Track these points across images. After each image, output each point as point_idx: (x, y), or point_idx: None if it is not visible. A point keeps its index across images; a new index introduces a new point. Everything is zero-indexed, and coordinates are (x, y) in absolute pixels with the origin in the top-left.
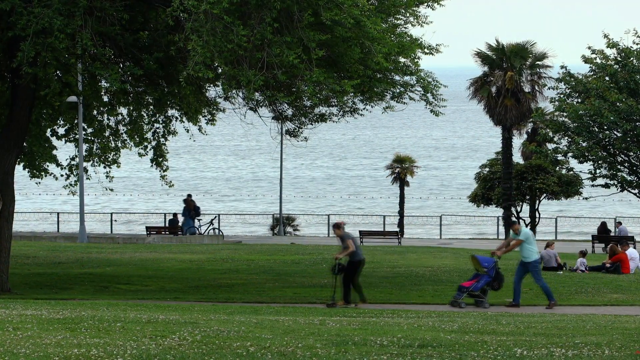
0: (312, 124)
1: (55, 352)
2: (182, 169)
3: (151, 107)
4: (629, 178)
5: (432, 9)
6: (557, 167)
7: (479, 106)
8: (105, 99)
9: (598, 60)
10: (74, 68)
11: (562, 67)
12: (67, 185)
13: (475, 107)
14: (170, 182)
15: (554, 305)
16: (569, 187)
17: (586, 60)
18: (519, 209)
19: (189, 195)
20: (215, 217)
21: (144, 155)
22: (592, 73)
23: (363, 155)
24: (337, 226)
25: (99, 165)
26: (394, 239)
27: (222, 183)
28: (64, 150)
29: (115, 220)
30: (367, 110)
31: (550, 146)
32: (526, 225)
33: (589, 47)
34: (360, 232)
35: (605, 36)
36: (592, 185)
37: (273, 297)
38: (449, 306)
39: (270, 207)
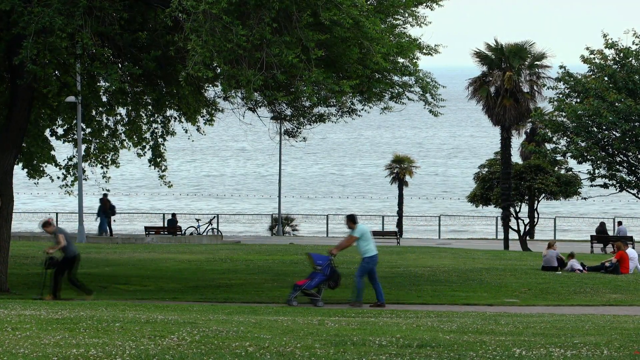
0: (310, 124)
1: (54, 352)
2: (182, 169)
3: (150, 107)
4: (627, 178)
5: (431, 9)
6: (556, 167)
7: (477, 106)
8: (104, 99)
9: (597, 61)
10: (73, 68)
11: (561, 67)
12: (64, 186)
13: (474, 107)
14: (169, 182)
15: (355, 305)
16: (568, 187)
17: (585, 60)
18: (517, 209)
19: (105, 195)
20: (214, 217)
21: (142, 156)
22: (591, 73)
23: (362, 155)
24: (46, 224)
25: (97, 166)
26: (393, 239)
27: (221, 183)
28: (62, 151)
29: (114, 221)
30: (365, 110)
31: (549, 146)
32: (525, 226)
33: (587, 48)
34: None
35: (604, 36)
36: (591, 186)
37: (272, 297)
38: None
39: (269, 207)
